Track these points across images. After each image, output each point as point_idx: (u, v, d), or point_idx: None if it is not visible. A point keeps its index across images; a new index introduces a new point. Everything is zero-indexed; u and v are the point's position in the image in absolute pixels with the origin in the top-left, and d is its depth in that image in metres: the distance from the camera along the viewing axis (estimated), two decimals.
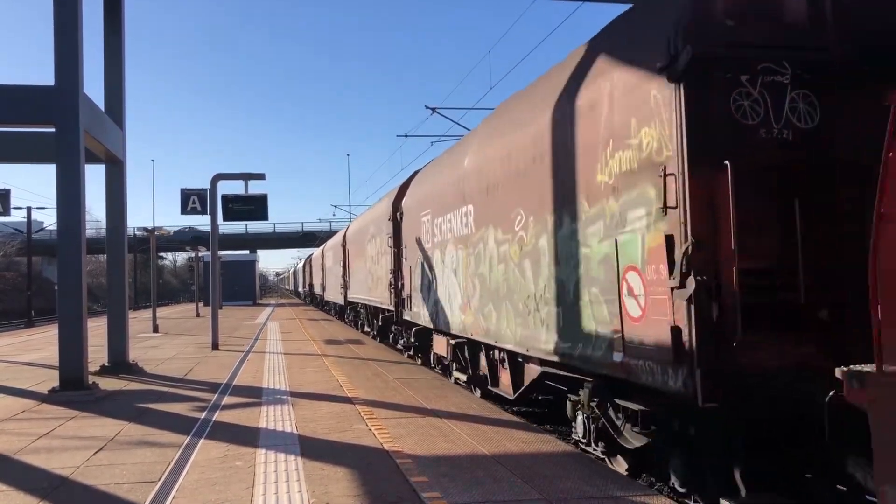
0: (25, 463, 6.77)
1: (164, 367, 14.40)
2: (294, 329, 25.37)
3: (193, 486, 5.79)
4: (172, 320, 34.01)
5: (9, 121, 11.85)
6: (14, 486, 5.92)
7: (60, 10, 10.81)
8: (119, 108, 13.87)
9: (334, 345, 18.56)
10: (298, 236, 79.17)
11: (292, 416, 8.62)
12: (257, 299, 61.79)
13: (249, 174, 18.26)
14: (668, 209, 4.98)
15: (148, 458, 6.78)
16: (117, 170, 13.90)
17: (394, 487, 5.58)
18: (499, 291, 8.80)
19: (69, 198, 10.84)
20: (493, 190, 8.97)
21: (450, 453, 6.65)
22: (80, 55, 11.02)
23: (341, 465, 6.28)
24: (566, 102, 6.74)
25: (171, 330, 26.59)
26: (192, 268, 47.42)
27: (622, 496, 5.25)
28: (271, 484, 5.76)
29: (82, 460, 6.75)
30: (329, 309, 38.90)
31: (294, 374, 12.58)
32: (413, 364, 14.27)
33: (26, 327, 38.66)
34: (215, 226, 19.64)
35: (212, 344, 18.07)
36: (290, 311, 43.19)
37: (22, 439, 7.76)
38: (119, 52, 13.93)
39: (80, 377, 10.76)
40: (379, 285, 17.91)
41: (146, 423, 8.52)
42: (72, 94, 10.83)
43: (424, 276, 13.04)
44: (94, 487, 5.85)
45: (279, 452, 6.80)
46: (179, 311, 47.04)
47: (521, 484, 5.60)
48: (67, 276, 10.90)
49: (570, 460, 6.35)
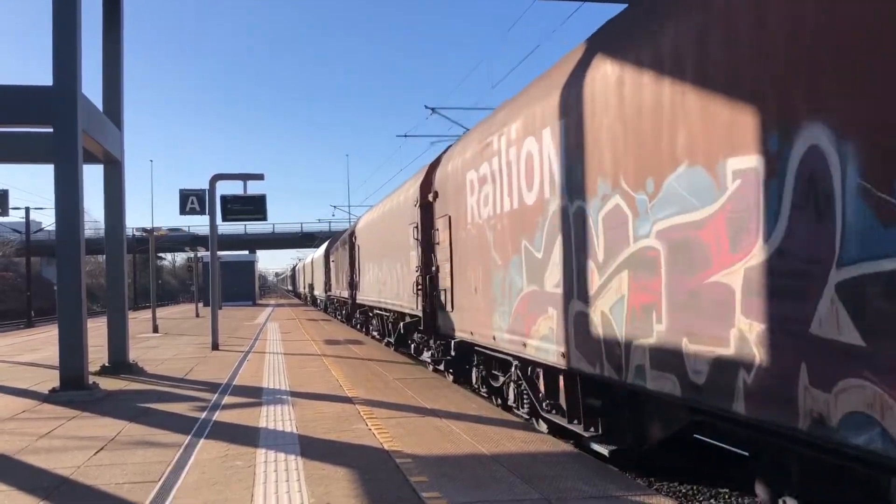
0: (26, 463, 6.78)
1: (165, 367, 14.40)
2: (294, 329, 25.36)
3: (194, 485, 5.80)
4: (172, 321, 34.00)
5: (7, 121, 11.84)
6: (15, 486, 5.92)
7: (59, 11, 10.81)
8: (117, 109, 13.87)
9: (334, 345, 18.56)
10: (298, 237, 79.20)
11: (292, 416, 8.63)
12: (257, 300, 61.79)
13: (248, 174, 18.27)
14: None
15: (148, 458, 6.79)
16: (116, 170, 13.90)
17: (394, 487, 5.58)
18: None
19: (68, 198, 10.84)
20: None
21: (450, 453, 6.66)
22: (79, 56, 11.02)
23: (341, 465, 6.29)
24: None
25: (170, 330, 26.59)
26: (191, 268, 47.39)
27: (622, 496, 5.26)
28: (271, 484, 5.77)
29: (83, 460, 6.76)
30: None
31: (294, 374, 12.58)
32: (412, 364, 14.26)
33: (26, 327, 38.68)
34: (214, 226, 19.64)
35: (212, 344, 18.07)
36: (289, 311, 43.19)
37: (22, 439, 7.77)
38: (118, 53, 13.93)
39: (81, 377, 10.77)
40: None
41: (146, 423, 8.52)
42: (70, 95, 10.83)
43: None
44: (95, 487, 5.85)
45: (279, 452, 6.80)
46: (179, 312, 47.02)
47: (520, 484, 5.61)
48: (67, 277, 10.90)
49: (570, 460, 6.36)
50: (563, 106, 6.85)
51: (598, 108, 6.16)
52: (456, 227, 10.72)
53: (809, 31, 3.93)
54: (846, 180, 3.71)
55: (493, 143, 8.89)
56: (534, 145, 7.56)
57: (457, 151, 11.02)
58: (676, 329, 5.12)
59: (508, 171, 8.34)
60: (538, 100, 7.54)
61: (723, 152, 4.62)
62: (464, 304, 10.43)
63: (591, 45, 6.67)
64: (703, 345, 4.83)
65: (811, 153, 3.93)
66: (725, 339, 4.61)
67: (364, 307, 22.86)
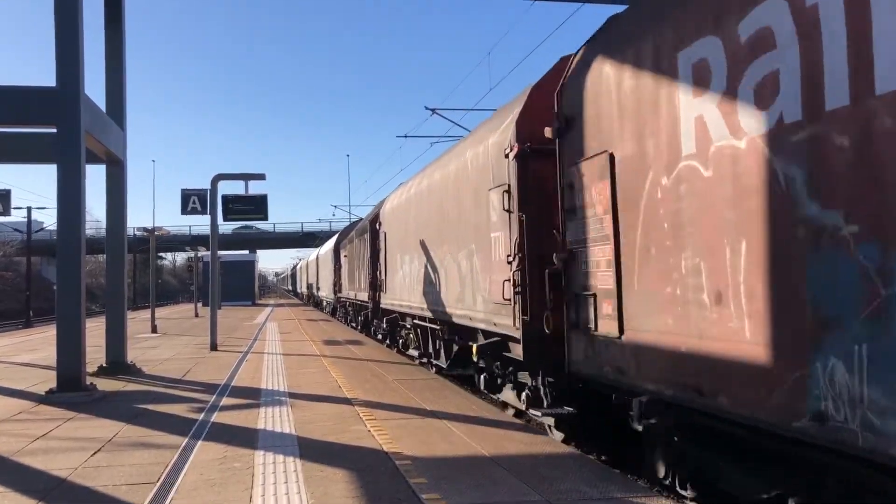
0: (23, 464, 6.75)
1: (163, 367, 14.38)
2: (293, 329, 25.34)
3: (192, 487, 5.77)
4: (171, 320, 33.97)
5: (10, 121, 11.83)
6: (12, 488, 5.89)
7: (61, 11, 10.81)
8: (120, 109, 13.86)
9: (333, 345, 18.53)
10: (298, 236, 79.31)
11: (291, 418, 8.61)
12: (256, 299, 61.78)
13: (250, 174, 18.28)
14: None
15: (146, 459, 6.77)
16: (118, 170, 13.89)
17: (393, 489, 5.56)
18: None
19: (69, 198, 10.83)
20: None
21: (449, 454, 6.63)
22: (82, 56, 11.01)
23: (340, 466, 6.26)
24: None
25: (169, 330, 26.56)
26: (191, 268, 47.39)
27: (622, 497, 5.24)
28: (270, 485, 5.75)
29: (80, 461, 6.73)
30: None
31: (293, 375, 12.56)
32: (412, 365, 14.22)
33: (24, 327, 38.64)
34: (215, 226, 19.64)
35: (210, 344, 18.04)
36: (289, 311, 43.17)
37: (19, 440, 7.74)
38: (120, 53, 13.93)
39: (78, 378, 10.74)
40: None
41: (144, 425, 8.50)
42: (73, 96, 10.82)
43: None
44: (92, 489, 5.83)
45: (278, 454, 6.78)
46: (178, 312, 47.00)
47: (520, 485, 5.58)
48: (66, 277, 10.88)
49: (570, 461, 6.33)
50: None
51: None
52: (640, 174, 5.58)
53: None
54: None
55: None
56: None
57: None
58: None
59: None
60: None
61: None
62: (661, 323, 5.32)
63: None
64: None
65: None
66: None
67: (392, 313, 17.38)
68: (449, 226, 11.24)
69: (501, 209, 8.25)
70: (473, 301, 9.78)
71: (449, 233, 11.24)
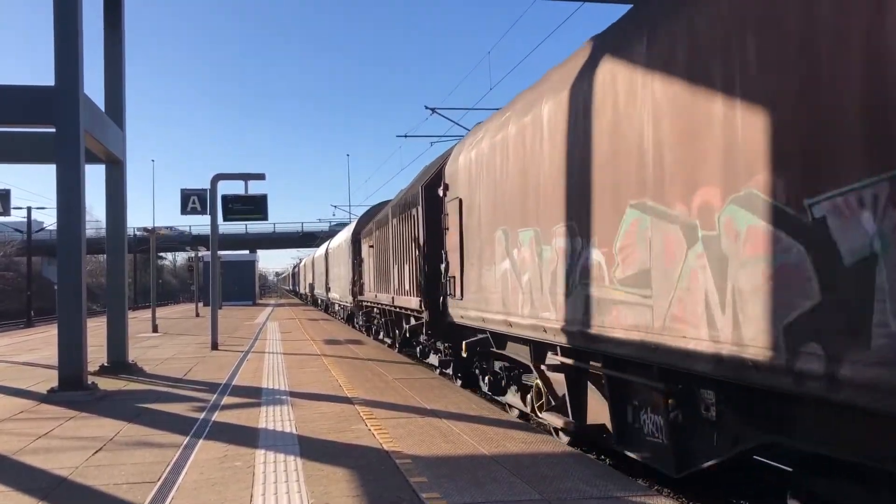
0: (24, 463, 6.76)
1: (164, 367, 14.39)
2: (293, 329, 25.36)
3: (193, 486, 5.78)
4: (172, 320, 33.99)
5: (9, 121, 11.85)
6: (13, 487, 5.91)
7: (60, 11, 10.81)
8: (119, 109, 13.87)
9: (333, 345, 18.55)
10: (298, 236, 79.28)
11: (292, 417, 8.62)
12: (257, 299, 61.81)
13: (249, 174, 18.26)
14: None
15: (147, 458, 6.77)
16: (117, 170, 13.90)
17: (394, 488, 5.57)
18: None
19: (69, 198, 10.84)
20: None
21: (449, 454, 6.64)
22: (81, 56, 11.02)
23: (341, 465, 6.27)
24: None
25: (170, 330, 26.58)
26: (191, 268, 47.40)
27: (622, 496, 5.25)
28: (270, 484, 5.75)
29: (81, 460, 6.74)
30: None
31: (293, 375, 12.57)
32: (412, 364, 14.23)
33: (25, 327, 38.68)
34: (215, 226, 19.64)
35: (211, 344, 18.06)
36: (289, 311, 43.19)
37: (21, 439, 7.75)
38: (119, 53, 13.93)
39: (80, 377, 10.75)
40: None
41: (145, 424, 8.51)
42: (72, 95, 10.83)
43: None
44: (93, 488, 5.84)
45: (279, 453, 6.79)
46: (179, 311, 47.02)
47: (520, 484, 5.59)
48: (67, 276, 10.89)
49: (571, 461, 6.34)
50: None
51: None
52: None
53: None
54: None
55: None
56: None
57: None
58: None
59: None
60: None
61: None
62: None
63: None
64: None
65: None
66: None
67: (476, 334, 10.23)
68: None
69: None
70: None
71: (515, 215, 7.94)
